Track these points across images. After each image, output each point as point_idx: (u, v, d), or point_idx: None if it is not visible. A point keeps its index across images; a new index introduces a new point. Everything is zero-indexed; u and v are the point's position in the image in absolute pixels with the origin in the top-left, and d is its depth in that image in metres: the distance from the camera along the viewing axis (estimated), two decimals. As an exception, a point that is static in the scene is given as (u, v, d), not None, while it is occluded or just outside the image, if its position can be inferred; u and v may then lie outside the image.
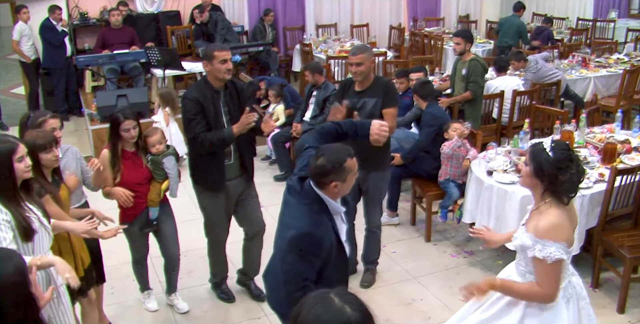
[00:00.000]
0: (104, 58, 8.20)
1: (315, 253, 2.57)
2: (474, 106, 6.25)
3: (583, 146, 5.04)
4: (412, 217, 5.57)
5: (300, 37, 10.84)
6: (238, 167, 4.08)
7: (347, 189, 2.67)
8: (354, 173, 2.65)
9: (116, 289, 4.45)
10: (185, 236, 4.33)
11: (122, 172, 3.77)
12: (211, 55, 3.79)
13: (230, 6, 10.63)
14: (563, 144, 2.71)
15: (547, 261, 2.59)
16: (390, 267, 4.84)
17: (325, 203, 2.65)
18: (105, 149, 3.81)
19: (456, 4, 12.42)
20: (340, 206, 2.70)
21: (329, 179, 2.58)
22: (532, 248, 2.63)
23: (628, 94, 7.49)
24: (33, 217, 2.77)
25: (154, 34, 9.92)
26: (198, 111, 3.81)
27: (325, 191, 2.63)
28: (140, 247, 4.10)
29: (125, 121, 3.70)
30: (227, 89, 3.96)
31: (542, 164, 2.63)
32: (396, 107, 4.21)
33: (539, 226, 2.63)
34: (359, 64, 4.09)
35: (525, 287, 2.73)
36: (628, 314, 4.14)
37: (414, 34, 10.91)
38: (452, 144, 4.92)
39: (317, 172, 2.60)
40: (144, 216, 3.94)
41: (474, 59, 6.20)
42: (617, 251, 4.16)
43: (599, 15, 11.71)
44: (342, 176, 2.59)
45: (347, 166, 2.59)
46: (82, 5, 9.61)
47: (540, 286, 2.66)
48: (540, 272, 2.65)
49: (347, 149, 2.65)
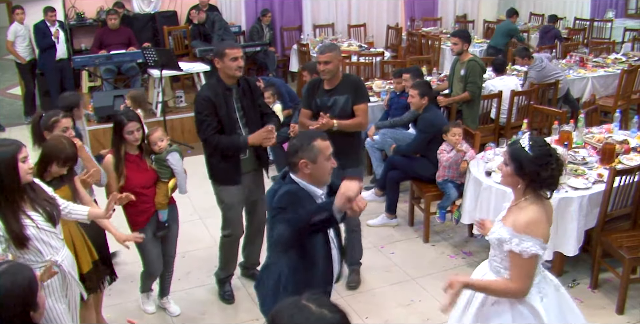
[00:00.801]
0: (100, 58, 8.17)
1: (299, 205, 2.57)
2: (471, 107, 6.24)
3: (581, 146, 5.03)
4: (411, 218, 5.55)
5: (298, 37, 10.83)
6: (254, 160, 4.17)
7: (321, 175, 2.68)
8: (326, 157, 2.66)
9: (114, 291, 4.42)
10: (183, 237, 4.31)
11: (127, 176, 3.71)
12: (222, 53, 3.86)
13: (227, 6, 10.61)
14: (540, 140, 2.71)
15: (523, 256, 2.59)
16: (389, 268, 4.83)
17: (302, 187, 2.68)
18: (109, 154, 3.75)
19: (453, 4, 12.41)
20: (317, 189, 2.71)
21: (298, 157, 2.62)
22: (509, 241, 2.63)
23: (626, 94, 7.50)
24: (29, 224, 2.78)
25: (151, 35, 9.89)
26: (210, 112, 3.87)
27: (299, 175, 2.66)
28: (154, 257, 3.98)
29: (129, 123, 3.65)
30: (240, 86, 4.02)
31: (523, 162, 2.63)
32: (366, 103, 4.30)
33: (518, 221, 2.63)
34: (327, 62, 4.14)
35: (498, 283, 2.72)
36: (627, 315, 4.13)
37: (412, 34, 10.90)
38: (450, 158, 4.94)
39: (288, 151, 2.67)
40: (154, 219, 3.89)
41: (472, 60, 6.18)
42: (616, 252, 4.15)
43: (596, 15, 11.73)
44: (312, 155, 2.61)
45: (317, 145, 2.63)
46: (78, 6, 9.57)
47: (513, 281, 2.66)
48: (514, 266, 2.65)
49: (320, 133, 2.74)
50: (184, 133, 7.79)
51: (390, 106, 6.33)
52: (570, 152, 4.82)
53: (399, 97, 6.24)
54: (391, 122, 6.02)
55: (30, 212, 2.82)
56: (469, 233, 5.27)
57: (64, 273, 3.01)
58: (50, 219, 2.90)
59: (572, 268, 4.64)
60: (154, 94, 8.06)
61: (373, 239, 5.26)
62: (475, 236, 5.17)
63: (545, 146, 2.66)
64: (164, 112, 7.51)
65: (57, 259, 2.93)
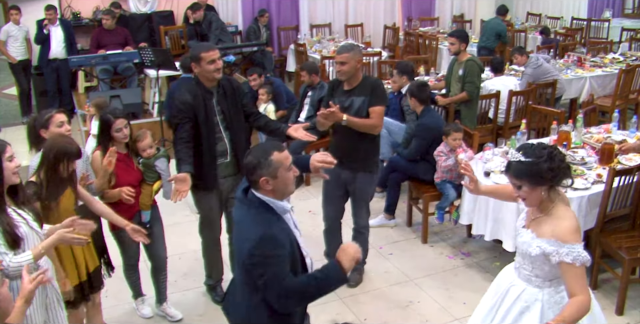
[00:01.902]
0: (96, 58, 8.12)
1: (279, 253, 2.42)
2: (470, 107, 6.22)
3: (580, 146, 5.01)
4: (409, 218, 5.53)
5: (295, 37, 10.80)
6: (234, 165, 4.07)
7: (285, 188, 2.53)
8: (286, 168, 2.51)
9: (110, 293, 4.39)
10: (180, 238, 4.29)
11: (116, 175, 3.70)
12: (198, 57, 3.76)
13: (224, 6, 10.58)
14: (524, 144, 2.68)
15: (577, 264, 2.50)
16: (387, 269, 4.80)
17: (269, 205, 2.52)
18: (97, 151, 3.73)
19: (450, 4, 12.40)
20: (285, 204, 2.56)
21: (258, 175, 2.47)
22: (557, 253, 2.53)
23: (624, 93, 7.49)
24: (21, 222, 2.72)
25: (147, 34, 9.85)
26: (185, 116, 3.80)
27: (262, 191, 2.51)
28: (132, 252, 4.03)
29: (116, 121, 3.64)
30: (221, 88, 3.93)
31: (532, 171, 2.55)
32: (383, 105, 4.20)
33: (560, 230, 2.55)
34: (342, 63, 4.09)
35: (573, 306, 2.50)
36: (627, 316, 4.12)
37: (409, 34, 10.88)
38: (449, 165, 4.92)
39: (246, 169, 2.52)
40: (137, 219, 3.87)
41: (471, 60, 6.16)
42: (616, 253, 4.14)
43: (593, 15, 11.73)
44: (271, 171, 2.46)
45: (275, 159, 2.47)
46: (74, 5, 9.53)
47: (580, 293, 2.50)
48: (572, 277, 2.52)
49: (276, 144, 2.57)
50: (180, 133, 7.73)
51: (388, 106, 6.28)
52: (569, 152, 4.80)
53: (397, 98, 6.21)
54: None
55: (20, 211, 2.78)
56: (467, 234, 5.24)
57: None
58: (38, 218, 2.87)
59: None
60: (150, 94, 8.02)
61: (371, 240, 5.18)
62: (473, 237, 5.15)
63: (533, 144, 2.62)
64: (161, 113, 7.47)
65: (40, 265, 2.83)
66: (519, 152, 2.59)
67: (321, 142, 6.49)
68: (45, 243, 2.73)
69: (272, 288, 2.42)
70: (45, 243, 2.73)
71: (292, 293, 2.44)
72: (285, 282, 2.41)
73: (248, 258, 2.43)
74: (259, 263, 2.41)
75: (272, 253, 2.40)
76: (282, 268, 2.43)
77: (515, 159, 2.58)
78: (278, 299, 2.45)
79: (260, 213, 2.49)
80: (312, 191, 6.28)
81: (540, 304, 2.71)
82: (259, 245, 2.40)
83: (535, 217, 2.69)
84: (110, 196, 3.73)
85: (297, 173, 2.59)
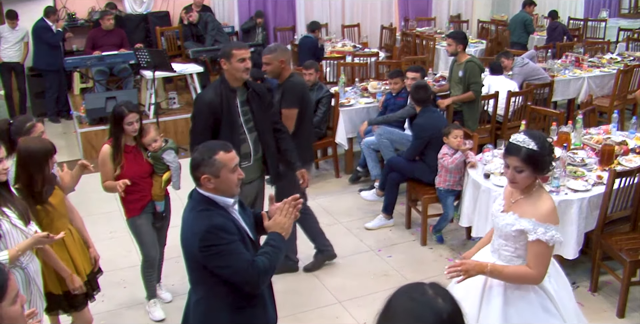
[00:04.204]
0: (92, 60, 8.06)
1: (230, 239, 2.44)
2: (472, 107, 6.19)
3: (580, 147, 4.99)
4: (408, 220, 5.49)
5: (291, 38, 10.76)
6: (258, 167, 4.08)
7: (227, 188, 2.53)
8: (231, 169, 2.52)
9: (106, 297, 4.35)
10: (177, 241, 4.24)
11: (123, 166, 3.79)
12: (229, 54, 3.76)
13: (220, 6, 10.54)
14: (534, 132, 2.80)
15: (549, 244, 2.71)
16: (386, 272, 4.77)
17: (212, 199, 2.53)
18: (105, 144, 3.84)
19: (447, 4, 12.37)
20: (227, 199, 2.56)
21: (200, 171, 2.49)
22: (534, 231, 2.71)
23: (622, 94, 7.47)
24: (3, 220, 2.76)
25: (143, 35, 9.78)
26: (206, 118, 3.80)
27: (204, 188, 2.53)
28: (150, 242, 4.04)
29: (129, 114, 3.74)
30: (249, 89, 3.92)
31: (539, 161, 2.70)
32: (290, 108, 4.36)
33: (540, 211, 2.73)
34: (266, 63, 4.31)
35: (516, 269, 2.79)
36: (628, 319, 4.09)
37: (406, 34, 10.84)
38: (456, 160, 4.85)
39: (190, 165, 2.54)
40: (150, 208, 3.97)
41: (470, 60, 6.13)
42: (617, 255, 4.11)
43: (590, 15, 11.72)
44: (214, 170, 2.48)
45: (219, 159, 2.49)
46: (70, 6, 9.47)
47: (532, 267, 2.74)
48: (538, 254, 2.73)
49: (223, 144, 2.58)
50: (177, 135, 7.71)
51: (386, 107, 6.26)
52: (569, 153, 4.77)
53: (395, 99, 6.18)
54: (385, 118, 5.96)
55: (4, 209, 2.80)
56: (466, 236, 5.21)
57: (28, 278, 2.91)
58: (23, 216, 2.88)
59: (571, 270, 4.58)
60: (146, 95, 7.98)
61: (370, 242, 5.21)
62: (473, 239, 5.11)
63: (541, 135, 2.77)
64: (157, 114, 7.43)
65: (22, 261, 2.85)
66: (531, 140, 2.71)
67: (319, 143, 6.46)
68: (22, 244, 2.78)
69: (240, 274, 2.44)
70: (21, 245, 2.78)
71: (261, 272, 2.47)
72: (251, 264, 2.45)
73: (202, 252, 2.42)
74: (216, 255, 2.42)
75: (224, 241, 2.42)
76: (241, 252, 2.45)
77: (527, 146, 2.70)
78: (248, 283, 2.48)
79: (202, 209, 2.50)
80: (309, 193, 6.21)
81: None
82: (208, 238, 2.41)
83: (516, 200, 2.86)
84: (108, 187, 3.84)
85: (242, 176, 2.59)
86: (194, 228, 2.46)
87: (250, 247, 2.56)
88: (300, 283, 4.59)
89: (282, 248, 2.60)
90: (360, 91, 7.06)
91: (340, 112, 6.41)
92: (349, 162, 6.70)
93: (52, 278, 3.28)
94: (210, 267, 2.46)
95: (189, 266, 2.59)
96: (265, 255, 2.52)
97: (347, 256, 4.98)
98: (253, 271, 2.44)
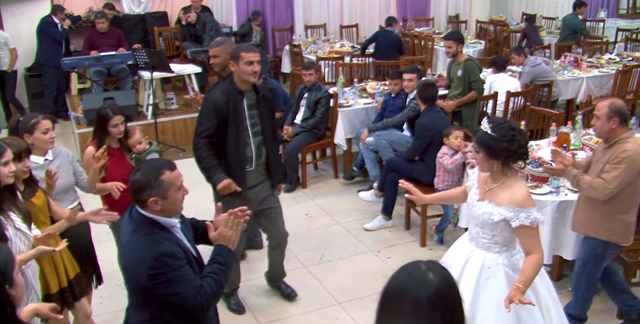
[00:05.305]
0: (90, 60, 8.04)
1: (179, 265, 2.36)
2: (471, 107, 6.18)
3: (580, 148, 4.98)
4: (407, 221, 5.48)
5: (290, 38, 10.75)
6: (260, 172, 4.04)
7: (173, 208, 2.45)
8: (177, 188, 2.42)
9: (105, 299, 4.33)
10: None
11: (107, 168, 3.79)
12: (237, 56, 3.75)
13: (218, 7, 10.52)
14: (499, 119, 2.97)
15: (533, 226, 2.85)
16: (385, 273, 4.75)
17: (155, 220, 2.42)
18: (90, 146, 3.83)
19: (446, 4, 12.37)
20: (172, 220, 2.47)
21: (146, 195, 2.36)
22: (516, 218, 2.84)
23: (621, 94, 7.47)
24: (8, 224, 2.76)
25: (141, 36, 9.78)
26: (211, 117, 3.79)
27: (148, 210, 2.40)
28: None
29: (114, 117, 3.76)
30: (257, 93, 3.90)
31: (491, 144, 2.84)
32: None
33: (516, 197, 2.86)
34: (214, 56, 4.20)
35: (531, 265, 2.86)
36: (628, 320, 4.08)
37: (404, 35, 10.83)
38: (456, 161, 4.85)
39: (133, 188, 2.39)
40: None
41: (469, 59, 6.13)
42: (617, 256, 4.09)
43: (588, 15, 11.71)
44: (161, 191, 2.36)
45: (166, 179, 2.37)
46: (67, 6, 9.43)
47: (533, 251, 2.86)
48: (529, 237, 2.87)
49: (168, 162, 2.46)
50: (175, 136, 7.70)
51: (385, 108, 6.24)
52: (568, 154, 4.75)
53: (394, 99, 6.16)
54: (384, 123, 5.96)
55: (9, 212, 2.81)
56: (466, 236, 5.20)
57: (25, 282, 2.86)
58: (26, 220, 2.89)
59: (571, 271, 4.56)
60: (144, 96, 7.95)
61: (369, 243, 5.20)
62: (472, 240, 5.11)
63: (505, 122, 2.88)
64: (155, 115, 7.41)
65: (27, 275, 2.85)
66: (489, 124, 2.86)
67: (318, 144, 6.45)
68: (25, 255, 2.80)
69: (189, 300, 2.38)
70: (24, 256, 2.79)
71: (210, 297, 2.43)
72: (202, 289, 2.40)
73: (150, 280, 2.33)
74: (165, 283, 2.34)
75: (172, 267, 2.34)
76: (189, 279, 2.39)
77: (483, 129, 2.88)
78: (196, 308, 2.43)
79: (145, 234, 2.39)
80: (308, 194, 6.23)
81: (503, 268, 2.99)
82: (155, 265, 2.32)
83: (490, 188, 2.98)
84: (101, 189, 3.80)
85: (187, 192, 2.49)
86: (140, 255, 2.35)
87: (195, 266, 2.49)
88: (300, 284, 4.58)
89: (229, 263, 2.53)
90: (358, 91, 7.04)
91: (339, 112, 6.40)
92: (347, 163, 6.69)
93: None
94: (158, 294, 2.37)
95: (133, 290, 2.49)
96: (213, 276, 2.46)
97: (347, 257, 4.97)
98: (202, 297, 2.39)
